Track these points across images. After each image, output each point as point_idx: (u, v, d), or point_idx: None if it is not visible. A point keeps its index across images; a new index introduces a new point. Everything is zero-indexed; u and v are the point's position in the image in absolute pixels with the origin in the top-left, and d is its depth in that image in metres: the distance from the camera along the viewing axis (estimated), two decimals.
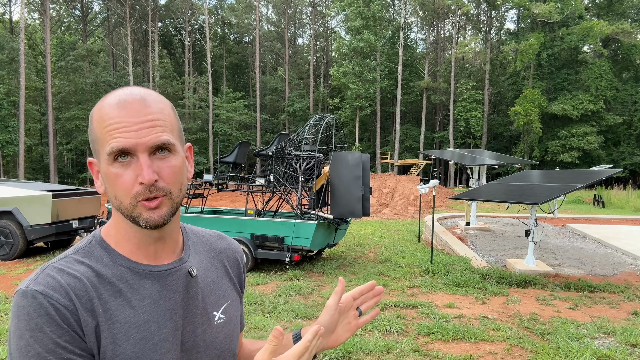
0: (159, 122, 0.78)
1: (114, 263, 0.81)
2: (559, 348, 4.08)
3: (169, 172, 0.78)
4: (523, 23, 44.05)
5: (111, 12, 45.81)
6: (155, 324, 0.80)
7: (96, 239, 0.84)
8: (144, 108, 0.77)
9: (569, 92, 39.21)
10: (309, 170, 7.29)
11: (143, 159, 0.75)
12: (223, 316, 0.91)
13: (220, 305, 0.92)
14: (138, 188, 0.76)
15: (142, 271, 0.82)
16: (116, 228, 0.84)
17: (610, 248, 9.14)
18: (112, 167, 0.76)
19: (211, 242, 0.99)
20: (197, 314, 0.86)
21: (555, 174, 7.77)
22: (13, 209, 8.32)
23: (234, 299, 0.96)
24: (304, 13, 55.97)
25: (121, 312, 0.78)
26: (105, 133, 0.76)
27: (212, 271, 0.94)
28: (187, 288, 0.86)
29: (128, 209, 0.77)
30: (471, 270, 6.96)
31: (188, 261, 0.88)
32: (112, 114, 0.76)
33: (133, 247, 0.83)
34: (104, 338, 0.75)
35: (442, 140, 45.42)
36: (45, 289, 0.73)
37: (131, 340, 0.77)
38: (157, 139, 0.76)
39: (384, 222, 14.90)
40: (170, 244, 0.87)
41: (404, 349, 4.06)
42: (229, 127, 42.79)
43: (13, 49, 32.95)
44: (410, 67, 46.40)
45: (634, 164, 38.43)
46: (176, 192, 0.80)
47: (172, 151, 0.79)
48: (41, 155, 40.79)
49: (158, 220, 0.78)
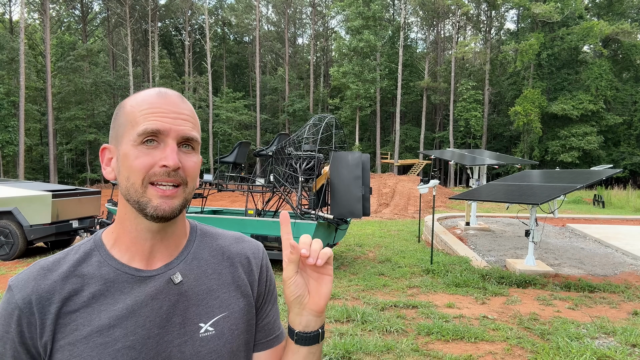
0: (191, 119, 0.83)
1: (100, 264, 0.81)
2: (559, 348, 4.08)
3: (191, 166, 0.81)
4: (523, 23, 44.06)
5: (111, 12, 45.81)
6: (122, 330, 0.77)
7: (95, 238, 0.86)
8: (182, 103, 0.83)
9: (569, 92, 39.22)
10: (309, 170, 7.29)
11: (171, 145, 0.78)
12: (212, 329, 0.83)
13: (211, 316, 0.84)
14: (157, 169, 0.77)
15: (126, 274, 0.81)
16: (118, 222, 0.84)
17: (610, 248, 9.14)
18: (135, 149, 0.77)
19: (223, 246, 0.93)
20: (177, 323, 0.81)
21: (555, 174, 7.77)
22: (13, 209, 8.32)
23: (237, 311, 0.87)
24: (304, 13, 56.00)
25: (87, 315, 0.77)
26: (140, 115, 0.78)
27: (212, 278, 0.87)
28: (167, 295, 0.82)
29: (138, 192, 0.77)
30: (471, 270, 6.96)
31: (177, 266, 0.85)
32: (151, 100, 0.80)
33: (129, 242, 0.82)
34: (61, 339, 0.76)
35: (442, 140, 45.43)
36: (15, 286, 0.78)
37: (90, 344, 0.75)
38: (189, 131, 0.80)
39: (384, 222, 14.90)
40: (169, 244, 0.85)
41: (404, 349, 4.06)
42: (229, 127, 42.79)
43: (13, 49, 32.94)
44: (410, 67, 46.41)
45: (634, 164, 38.43)
46: (191, 187, 0.82)
47: (196, 150, 0.83)
48: (41, 155, 40.79)
49: (168, 210, 0.78)
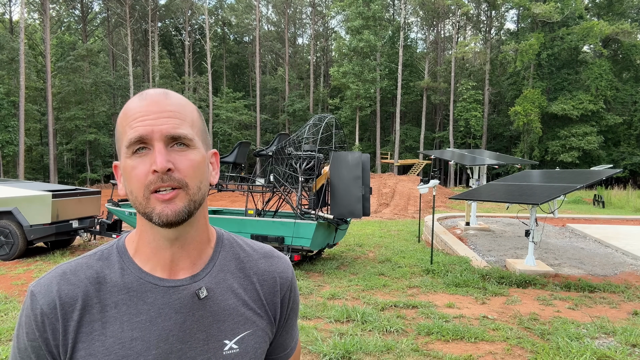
0: (178, 114, 0.76)
1: (123, 271, 0.79)
2: (559, 348, 4.08)
3: (186, 165, 0.74)
4: (523, 23, 44.05)
5: (111, 12, 45.79)
6: (144, 343, 0.75)
7: (118, 244, 0.83)
8: (165, 100, 0.76)
9: (569, 92, 39.21)
10: (309, 170, 7.29)
11: (158, 147, 0.73)
12: (236, 347, 0.81)
13: (236, 334, 0.82)
14: (151, 177, 0.72)
15: (149, 283, 0.78)
16: (138, 232, 0.82)
17: (610, 248, 9.14)
18: (129, 160, 0.74)
19: (250, 260, 0.89)
20: (200, 339, 0.79)
21: (555, 174, 7.77)
22: (13, 209, 8.32)
23: (260, 329, 0.85)
24: (304, 13, 55.98)
25: (109, 325, 0.75)
26: (126, 125, 0.75)
27: (238, 293, 0.85)
28: (192, 310, 0.79)
29: (142, 204, 0.73)
30: (471, 270, 6.96)
31: (203, 279, 0.81)
32: (134, 108, 0.76)
33: (150, 252, 0.80)
34: (82, 348, 0.74)
35: (442, 140, 45.43)
36: (39, 291, 0.75)
37: (111, 356, 0.73)
38: (173, 129, 0.74)
39: (384, 222, 14.90)
40: (191, 252, 0.82)
41: (404, 349, 4.06)
42: (229, 127, 42.77)
43: (13, 49, 32.93)
44: (410, 67, 46.40)
45: (634, 164, 38.42)
46: (194, 187, 0.75)
47: (191, 147, 0.76)
48: (41, 155, 40.78)
49: (172, 215, 0.73)
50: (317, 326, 4.65)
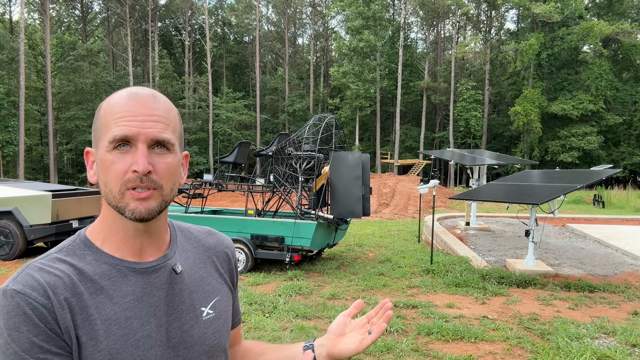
0: (164, 119, 0.80)
1: (97, 261, 0.81)
2: (559, 348, 4.08)
3: (164, 168, 0.79)
4: (523, 23, 44.06)
5: (111, 12, 45.80)
6: (138, 320, 0.80)
7: (80, 238, 0.84)
8: (153, 103, 0.80)
9: (569, 92, 39.22)
10: (309, 170, 7.29)
11: (141, 149, 0.77)
12: (212, 312, 0.91)
13: (209, 301, 0.91)
14: (130, 175, 0.76)
15: (126, 268, 0.82)
16: (103, 222, 0.84)
17: (610, 248, 9.14)
18: (109, 154, 0.77)
19: (200, 238, 0.99)
20: (184, 310, 0.86)
21: (555, 174, 7.77)
22: (13, 209, 8.32)
23: (225, 294, 0.96)
24: (304, 13, 55.98)
25: (102, 309, 0.77)
26: (111, 120, 0.78)
27: (201, 267, 0.94)
28: (171, 285, 0.86)
29: (116, 198, 0.78)
30: (471, 270, 6.96)
31: (173, 258, 0.88)
32: (121, 103, 0.79)
33: (119, 241, 0.83)
34: (83, 334, 0.75)
35: (442, 140, 45.42)
36: (24, 288, 0.73)
37: (112, 336, 0.77)
38: (159, 133, 0.78)
39: (384, 222, 14.90)
40: (156, 240, 0.87)
41: (404, 349, 4.06)
42: (229, 127, 42.78)
43: (13, 49, 32.94)
44: (410, 67, 46.40)
45: (634, 164, 38.43)
46: (167, 189, 0.81)
47: (171, 151, 0.81)
48: (41, 155, 40.80)
49: (144, 212, 0.78)
50: (317, 326, 4.65)
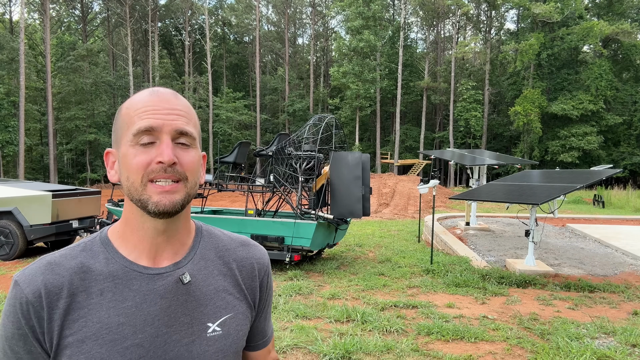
0: (186, 114, 0.82)
1: (108, 260, 0.81)
2: (559, 348, 4.08)
3: (188, 160, 0.80)
4: (523, 23, 44.06)
5: (111, 12, 45.80)
6: (131, 327, 0.78)
7: (101, 235, 0.86)
8: (175, 99, 0.82)
9: (569, 92, 39.21)
10: (309, 170, 7.29)
11: (166, 141, 0.77)
12: (219, 329, 0.86)
13: (219, 317, 0.86)
14: (154, 166, 0.77)
15: (134, 272, 0.81)
16: (124, 221, 0.84)
17: (610, 248, 9.14)
18: (132, 149, 0.78)
19: (228, 248, 0.94)
20: (185, 323, 0.82)
21: (555, 174, 7.77)
22: (13, 209, 8.32)
23: (241, 313, 0.90)
24: (304, 13, 55.98)
25: (96, 312, 0.77)
26: (134, 115, 0.79)
27: (218, 279, 0.89)
28: (176, 295, 0.82)
29: (138, 191, 0.77)
30: (471, 270, 6.96)
31: (185, 266, 0.85)
32: (144, 100, 0.80)
33: (137, 240, 0.83)
34: (69, 335, 0.76)
35: (442, 140, 45.42)
36: (23, 281, 0.77)
37: (99, 340, 0.76)
38: (182, 125, 0.80)
39: (384, 222, 14.90)
40: (175, 242, 0.86)
41: (404, 349, 4.06)
42: (229, 127, 42.79)
43: (13, 49, 32.93)
44: (410, 67, 46.40)
45: (634, 164, 38.42)
46: (192, 182, 0.81)
47: (192, 146, 0.82)
48: (41, 155, 40.79)
49: (169, 205, 0.77)
50: (317, 326, 4.65)
